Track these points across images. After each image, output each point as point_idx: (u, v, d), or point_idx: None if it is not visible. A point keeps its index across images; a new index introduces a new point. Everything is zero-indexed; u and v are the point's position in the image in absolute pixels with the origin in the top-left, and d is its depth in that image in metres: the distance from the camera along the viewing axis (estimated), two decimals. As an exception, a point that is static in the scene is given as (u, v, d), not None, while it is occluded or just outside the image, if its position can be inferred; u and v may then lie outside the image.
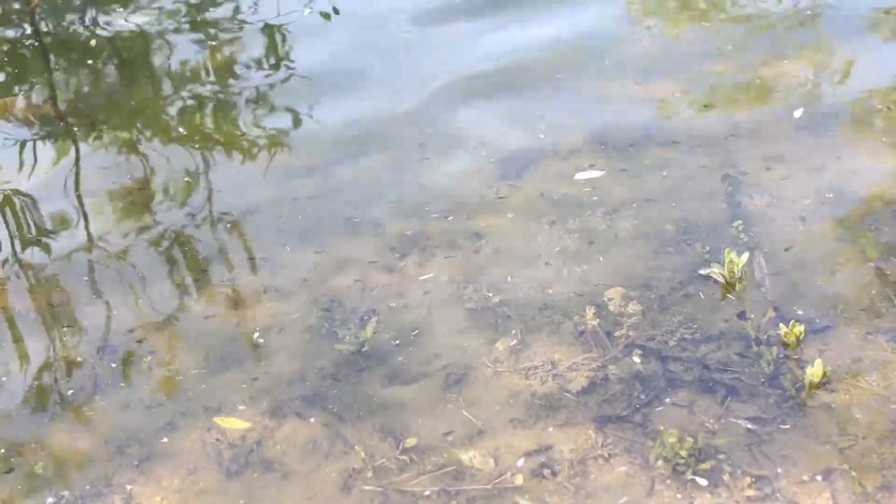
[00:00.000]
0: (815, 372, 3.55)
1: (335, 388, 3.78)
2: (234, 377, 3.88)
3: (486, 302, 4.08)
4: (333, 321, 4.08)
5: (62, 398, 3.85)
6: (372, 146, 5.21)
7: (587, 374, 3.73)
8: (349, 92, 5.72)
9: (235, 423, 3.66)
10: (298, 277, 4.34)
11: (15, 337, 4.17)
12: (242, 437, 3.62)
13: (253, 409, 3.73)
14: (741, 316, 3.91)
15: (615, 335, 3.88)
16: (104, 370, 3.95)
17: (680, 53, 5.89)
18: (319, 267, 4.39)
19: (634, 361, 3.76)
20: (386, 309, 4.11)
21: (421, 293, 4.18)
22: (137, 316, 4.21)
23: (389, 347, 3.94)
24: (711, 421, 3.50)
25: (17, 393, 3.89)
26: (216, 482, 3.47)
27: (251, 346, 4.02)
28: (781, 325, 3.76)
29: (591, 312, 3.99)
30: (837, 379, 3.59)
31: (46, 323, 4.23)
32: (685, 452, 3.35)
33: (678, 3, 6.55)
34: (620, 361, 3.77)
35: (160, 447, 3.60)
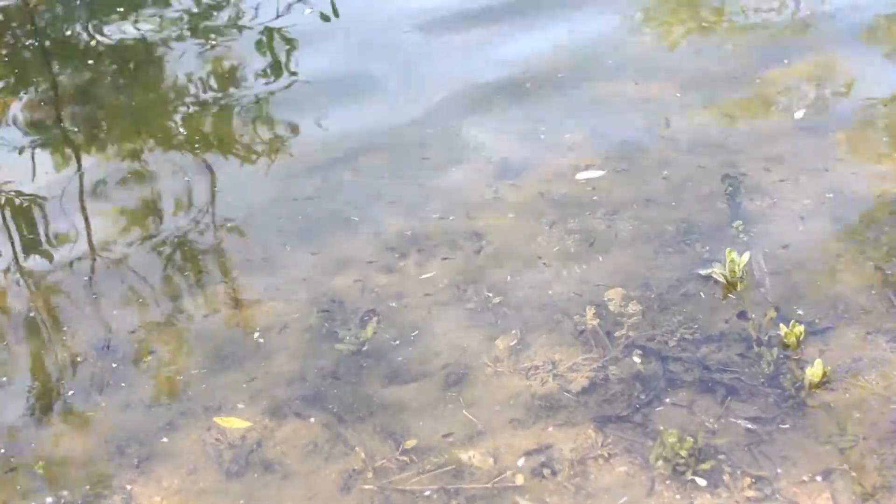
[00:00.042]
0: (814, 372, 3.55)
1: (335, 387, 3.78)
2: (234, 377, 3.88)
3: (486, 302, 4.08)
4: (334, 321, 4.08)
5: (62, 398, 3.84)
6: (372, 145, 5.22)
7: (587, 373, 3.73)
8: (351, 93, 5.72)
9: (235, 422, 3.66)
10: (298, 277, 4.34)
11: (16, 337, 4.17)
12: (242, 437, 3.62)
13: (253, 408, 3.72)
14: (741, 316, 3.91)
15: (615, 335, 3.88)
16: (104, 370, 3.95)
17: (680, 54, 5.89)
18: (319, 267, 4.39)
19: (634, 361, 3.76)
20: (386, 309, 4.11)
21: (421, 293, 4.18)
22: (137, 316, 4.21)
23: (389, 347, 3.94)
24: (711, 421, 3.50)
25: (17, 393, 3.89)
26: (216, 482, 3.47)
27: (251, 346, 4.02)
28: (782, 325, 3.76)
29: (591, 313, 3.99)
30: (837, 379, 3.59)
31: (46, 323, 4.23)
32: (685, 452, 3.35)
33: (679, 6, 6.55)
34: (620, 361, 3.77)
35: (160, 447, 3.60)
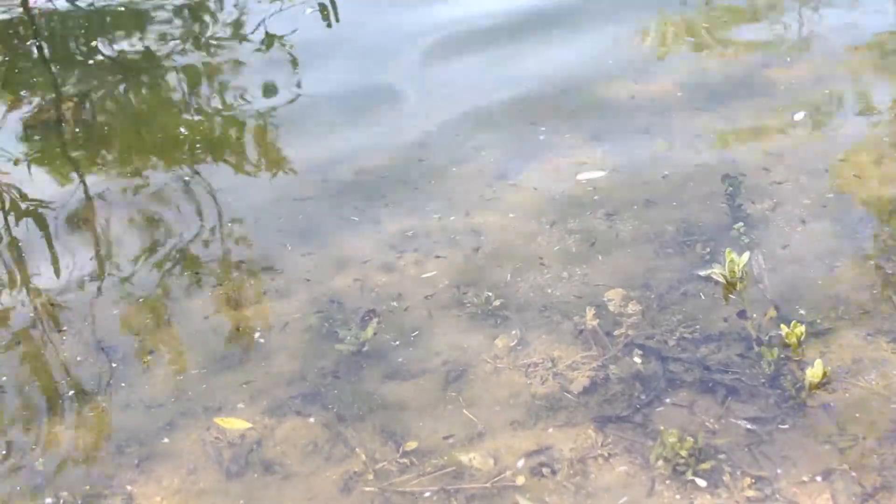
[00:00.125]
0: (815, 372, 3.55)
1: (336, 387, 3.78)
2: (234, 377, 3.87)
3: (486, 302, 4.08)
4: (334, 321, 4.08)
5: (62, 398, 3.84)
6: (372, 145, 5.22)
7: (587, 373, 3.72)
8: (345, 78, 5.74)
9: (236, 423, 3.66)
10: (298, 277, 4.34)
11: (16, 337, 4.17)
12: (242, 436, 3.62)
13: (253, 408, 3.72)
14: (741, 315, 3.91)
15: (615, 335, 3.88)
16: (104, 370, 3.95)
17: (680, 54, 5.89)
18: (320, 266, 4.39)
19: (634, 361, 3.76)
20: (386, 308, 4.11)
21: (421, 293, 4.18)
22: (137, 316, 4.21)
23: (390, 347, 3.94)
24: (712, 421, 3.50)
25: (17, 393, 3.89)
26: (216, 482, 3.47)
27: (251, 345, 4.02)
28: (782, 325, 3.76)
29: (591, 313, 3.99)
30: (837, 379, 3.59)
31: (46, 322, 4.23)
32: (685, 452, 3.35)
33: (678, 21, 6.55)
34: (620, 361, 3.77)
35: (160, 447, 3.60)
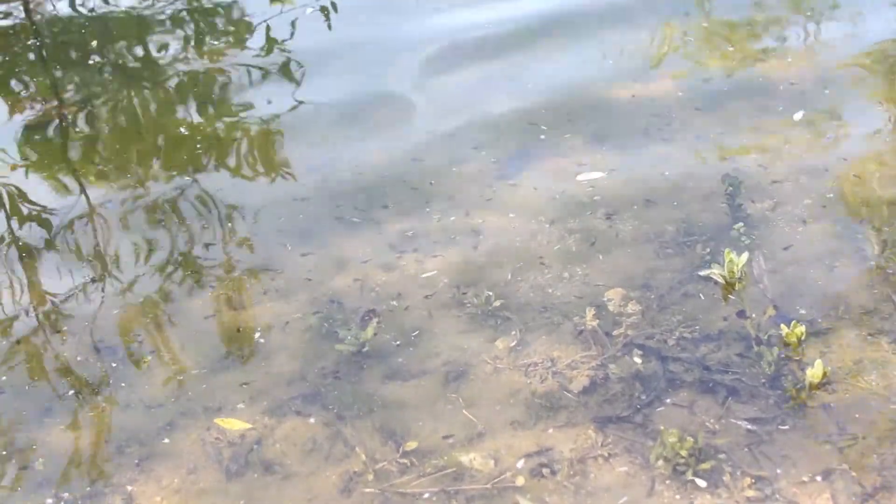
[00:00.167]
0: (815, 372, 3.55)
1: (336, 388, 3.78)
2: (234, 377, 3.87)
3: (486, 302, 4.08)
4: (334, 321, 4.08)
5: (63, 398, 3.84)
6: (373, 145, 5.22)
7: (587, 373, 3.72)
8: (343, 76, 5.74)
9: (236, 423, 3.66)
10: (298, 277, 4.34)
11: (16, 336, 4.17)
12: (242, 436, 3.62)
13: (253, 408, 3.72)
14: (741, 315, 3.90)
15: (615, 335, 3.88)
16: (104, 370, 3.95)
17: (680, 53, 5.89)
18: (319, 266, 4.39)
19: (634, 361, 3.76)
20: (386, 308, 4.11)
21: (421, 293, 4.18)
22: (137, 316, 4.21)
23: (390, 347, 3.93)
24: (712, 421, 3.50)
25: (17, 393, 3.89)
26: (216, 482, 3.47)
27: (251, 346, 4.01)
28: (783, 325, 3.76)
29: (590, 313, 3.99)
30: (838, 379, 3.59)
31: (46, 322, 4.23)
32: (685, 452, 3.35)
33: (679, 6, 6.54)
34: (620, 361, 3.77)
35: (160, 447, 3.60)
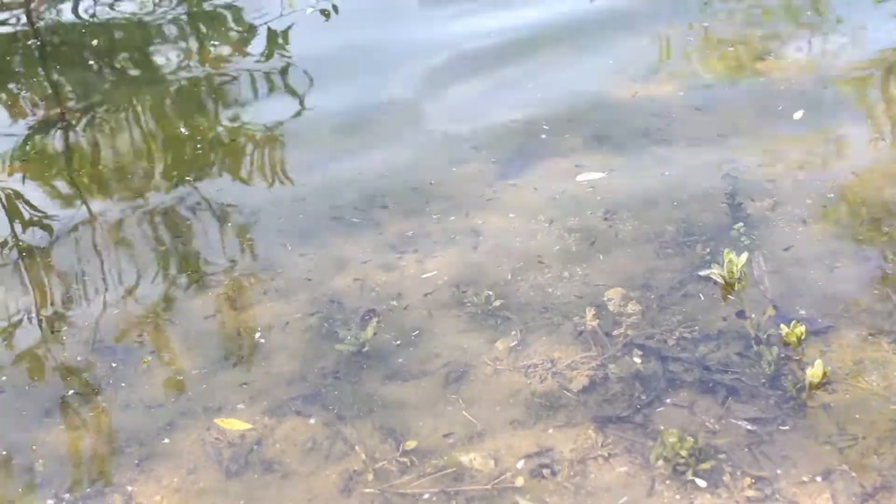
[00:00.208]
0: (815, 372, 3.55)
1: (336, 388, 3.78)
2: (234, 377, 3.87)
3: (486, 302, 4.08)
4: (334, 321, 4.08)
5: (63, 398, 3.84)
6: (372, 144, 5.22)
7: (587, 373, 3.72)
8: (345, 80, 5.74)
9: (236, 423, 3.66)
10: (298, 277, 4.34)
11: (15, 336, 4.17)
12: (242, 436, 3.62)
13: (253, 409, 3.72)
14: (740, 315, 3.90)
15: (615, 335, 3.88)
16: (104, 370, 3.95)
17: (681, 52, 5.89)
18: (319, 266, 4.39)
19: (634, 361, 3.76)
20: (386, 308, 4.11)
21: (421, 293, 4.18)
22: (137, 316, 4.21)
23: (390, 347, 3.93)
24: (712, 421, 3.50)
25: (17, 393, 3.89)
26: (216, 482, 3.47)
27: (251, 346, 4.02)
28: (782, 325, 3.76)
29: (591, 313, 3.98)
30: (838, 379, 3.59)
31: (46, 322, 4.23)
32: (685, 452, 3.35)
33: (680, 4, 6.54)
34: (620, 361, 3.77)
35: (160, 447, 3.60)
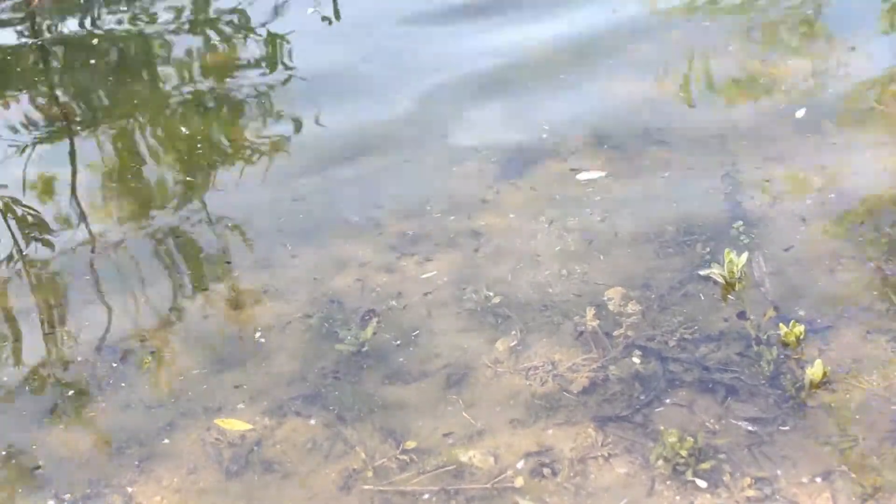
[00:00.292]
0: (815, 372, 3.55)
1: (336, 387, 3.78)
2: (234, 377, 3.87)
3: (486, 302, 4.08)
4: (334, 321, 4.08)
5: (63, 398, 3.84)
6: (372, 145, 5.22)
7: (587, 373, 3.72)
8: (348, 94, 5.74)
9: (236, 423, 3.66)
10: (298, 277, 4.34)
11: (16, 336, 4.17)
12: (242, 436, 3.62)
13: (253, 408, 3.72)
14: (741, 316, 3.91)
15: (615, 335, 3.88)
16: (105, 370, 3.95)
17: (681, 52, 5.89)
18: (320, 266, 4.39)
19: (634, 362, 3.76)
20: (386, 309, 4.11)
21: (421, 293, 4.18)
22: (137, 316, 4.21)
23: (390, 347, 3.94)
24: (712, 421, 3.50)
25: (18, 393, 3.89)
26: (216, 482, 3.47)
27: (252, 345, 4.02)
28: (781, 325, 3.76)
29: (591, 313, 3.98)
30: (837, 379, 3.59)
31: (47, 323, 4.23)
32: (685, 452, 3.35)
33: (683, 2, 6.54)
34: (620, 361, 3.77)
35: (160, 447, 3.60)
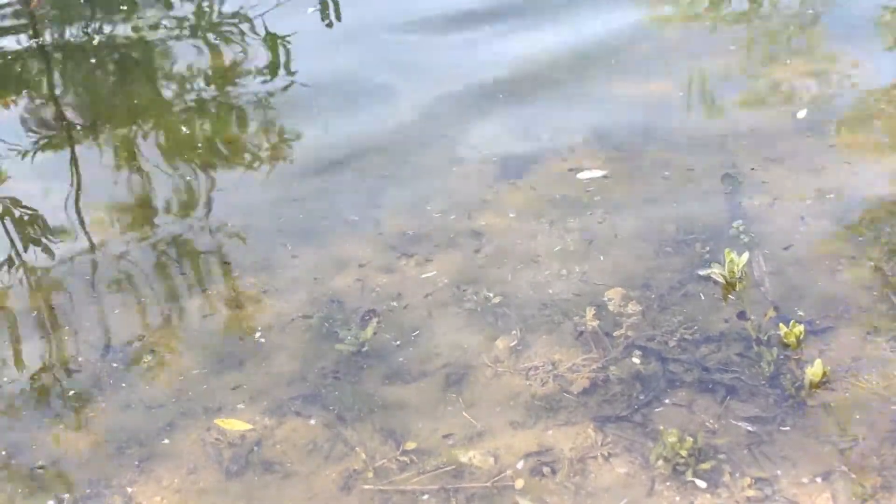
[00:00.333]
0: (814, 372, 3.55)
1: (336, 388, 3.78)
2: (234, 377, 3.88)
3: (486, 302, 4.08)
4: (334, 321, 4.08)
5: (63, 398, 3.85)
6: (372, 146, 5.22)
7: (587, 374, 3.73)
8: (349, 95, 5.74)
9: (236, 424, 3.66)
10: (299, 277, 4.34)
11: (17, 338, 4.17)
12: (242, 436, 3.62)
13: (253, 408, 3.72)
14: (741, 316, 3.91)
15: (615, 335, 3.88)
16: (105, 370, 3.95)
17: (682, 53, 5.88)
18: (320, 266, 4.39)
19: (634, 362, 3.76)
20: (386, 309, 4.11)
21: (421, 293, 4.18)
22: (138, 316, 4.21)
23: (390, 347, 3.94)
24: (711, 421, 3.50)
25: (18, 393, 3.90)
26: (216, 482, 3.47)
27: (252, 346, 4.02)
28: (781, 325, 3.76)
29: (591, 313, 3.99)
30: (837, 379, 3.59)
31: (47, 324, 4.23)
32: (685, 452, 3.35)
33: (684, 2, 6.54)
34: (620, 362, 3.77)
35: (160, 448, 3.60)
